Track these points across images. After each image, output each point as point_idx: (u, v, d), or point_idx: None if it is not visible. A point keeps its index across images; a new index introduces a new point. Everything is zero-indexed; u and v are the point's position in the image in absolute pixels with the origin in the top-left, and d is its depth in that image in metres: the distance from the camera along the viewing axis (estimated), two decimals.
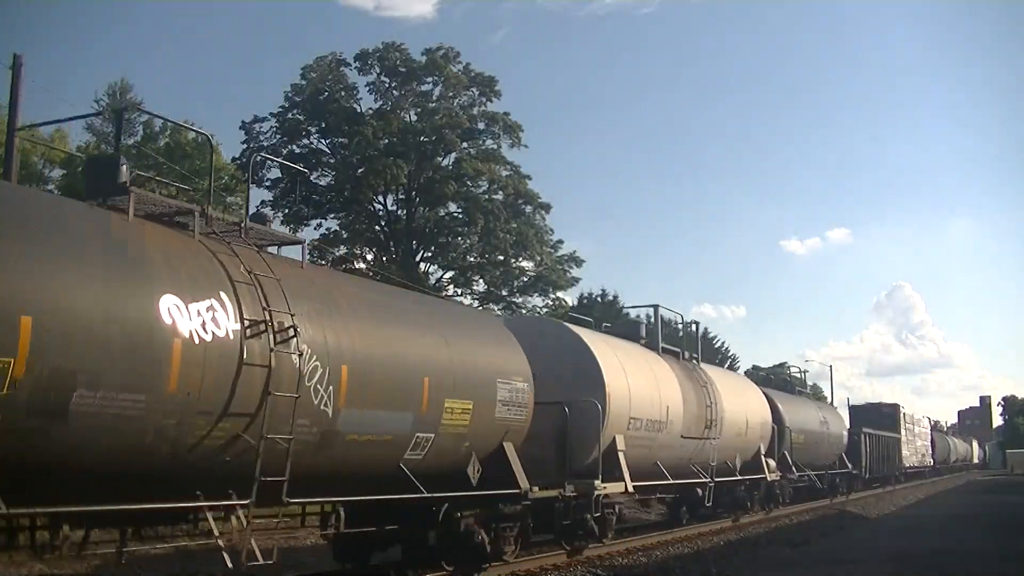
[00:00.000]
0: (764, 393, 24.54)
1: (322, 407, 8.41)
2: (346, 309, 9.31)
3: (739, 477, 21.03)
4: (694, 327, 22.66)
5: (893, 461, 44.63)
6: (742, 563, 14.60)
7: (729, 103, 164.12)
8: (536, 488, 11.96)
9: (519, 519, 12.07)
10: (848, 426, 37.95)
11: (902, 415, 50.24)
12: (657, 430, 16.16)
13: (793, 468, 25.11)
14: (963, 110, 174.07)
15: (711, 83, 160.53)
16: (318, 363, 8.40)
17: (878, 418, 46.35)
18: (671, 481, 17.08)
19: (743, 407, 21.53)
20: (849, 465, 33.52)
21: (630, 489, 14.72)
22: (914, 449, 53.15)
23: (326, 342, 8.63)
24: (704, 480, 18.84)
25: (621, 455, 14.60)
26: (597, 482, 13.71)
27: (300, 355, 8.20)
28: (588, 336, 15.25)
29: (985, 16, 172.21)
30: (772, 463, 23.03)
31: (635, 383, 15.40)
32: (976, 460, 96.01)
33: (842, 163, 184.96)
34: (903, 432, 49.31)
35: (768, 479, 22.83)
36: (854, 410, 55.45)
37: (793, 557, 15.51)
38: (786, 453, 24.98)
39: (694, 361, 20.47)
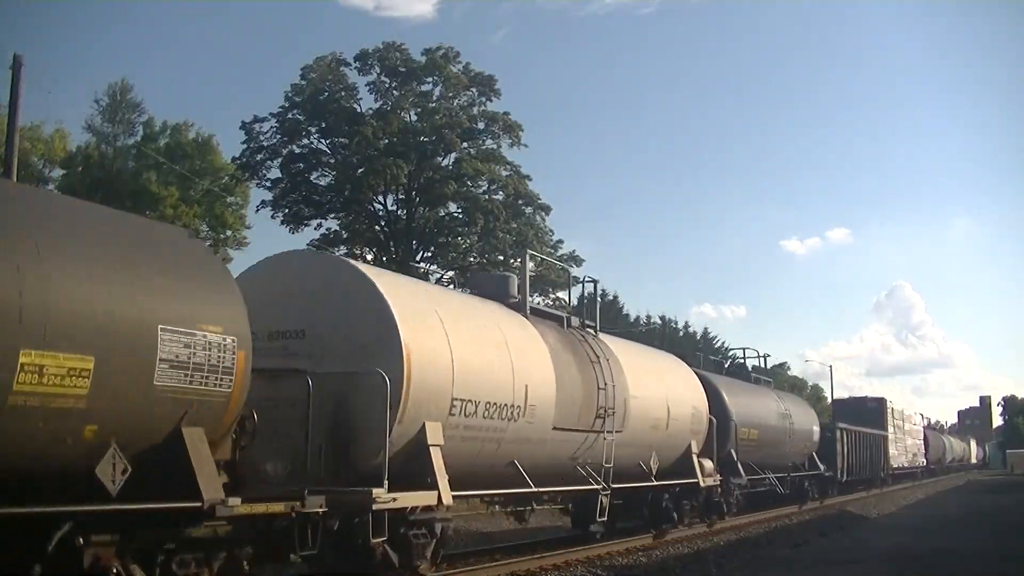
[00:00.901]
0: (700, 377, 19.64)
1: None
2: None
3: (657, 483, 16.24)
4: (593, 287, 17.92)
5: (878, 461, 40.17)
6: (742, 563, 14.61)
7: (729, 103, 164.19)
8: (238, 501, 7.19)
9: (214, 548, 7.51)
10: (828, 421, 35.53)
11: (889, 410, 46.25)
12: (508, 418, 11.58)
13: (741, 471, 21.08)
14: (963, 110, 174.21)
15: (711, 83, 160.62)
16: None
17: (862, 414, 42.39)
18: (529, 489, 12.10)
19: (662, 393, 16.62)
20: (822, 466, 29.44)
21: (446, 500, 9.97)
22: (903, 448, 48.89)
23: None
24: (593, 487, 13.92)
25: (434, 451, 10.01)
26: (378, 491, 9.06)
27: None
28: (381, 279, 10.46)
29: (985, 16, 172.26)
30: (709, 465, 18.49)
31: (465, 351, 10.81)
32: (975, 460, 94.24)
33: (842, 163, 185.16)
34: (891, 429, 45.14)
35: (703, 484, 18.01)
36: (835, 405, 52.30)
37: (793, 557, 15.51)
38: (732, 452, 20.79)
39: (589, 331, 15.33)
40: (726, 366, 29.54)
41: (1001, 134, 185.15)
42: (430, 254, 39.59)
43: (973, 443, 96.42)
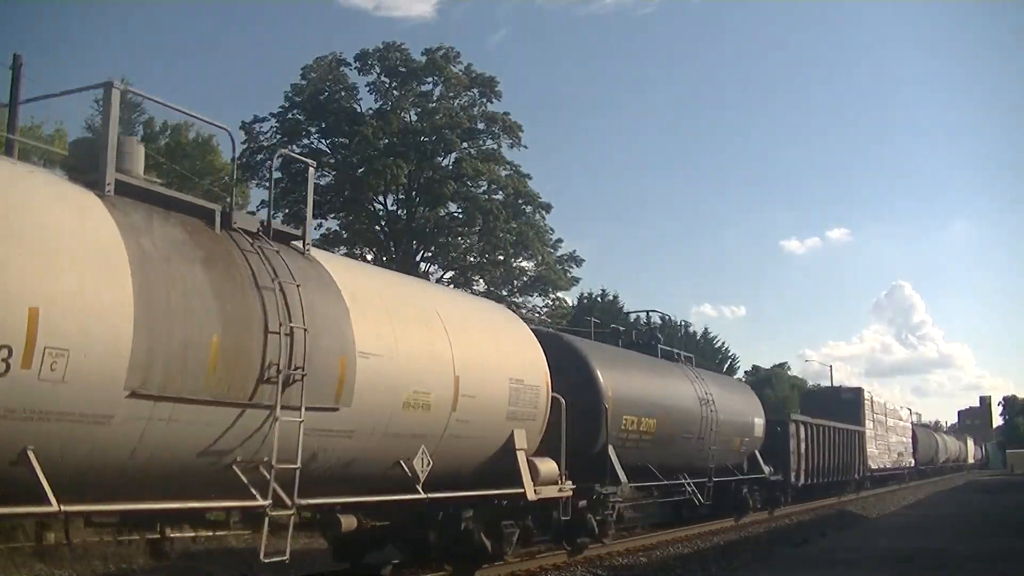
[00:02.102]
0: (546, 339, 13.57)
1: None
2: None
3: (429, 495, 9.93)
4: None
5: (853, 462, 34.35)
6: (742, 563, 14.62)
7: (729, 103, 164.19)
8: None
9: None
10: (797, 413, 30.83)
11: (868, 403, 40.30)
12: None
13: (622, 475, 14.70)
14: (963, 110, 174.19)
15: (711, 83, 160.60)
16: None
17: (836, 406, 37.32)
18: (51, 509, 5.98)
19: (445, 351, 10.30)
20: (767, 469, 23.39)
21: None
22: (886, 446, 42.93)
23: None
24: (253, 504, 7.85)
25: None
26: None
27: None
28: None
29: (985, 16, 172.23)
30: (549, 468, 12.08)
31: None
32: (972, 460, 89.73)
33: (842, 163, 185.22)
34: (869, 424, 39.24)
35: (532, 497, 11.54)
36: (804, 396, 47.68)
37: (793, 557, 15.51)
38: (609, 450, 14.64)
39: (286, 244, 9.15)
40: (622, 331, 21.54)
41: (1001, 134, 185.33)
42: (430, 254, 39.59)
43: (970, 442, 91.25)
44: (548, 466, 12.08)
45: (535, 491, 11.59)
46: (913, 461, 50.76)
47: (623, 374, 15.90)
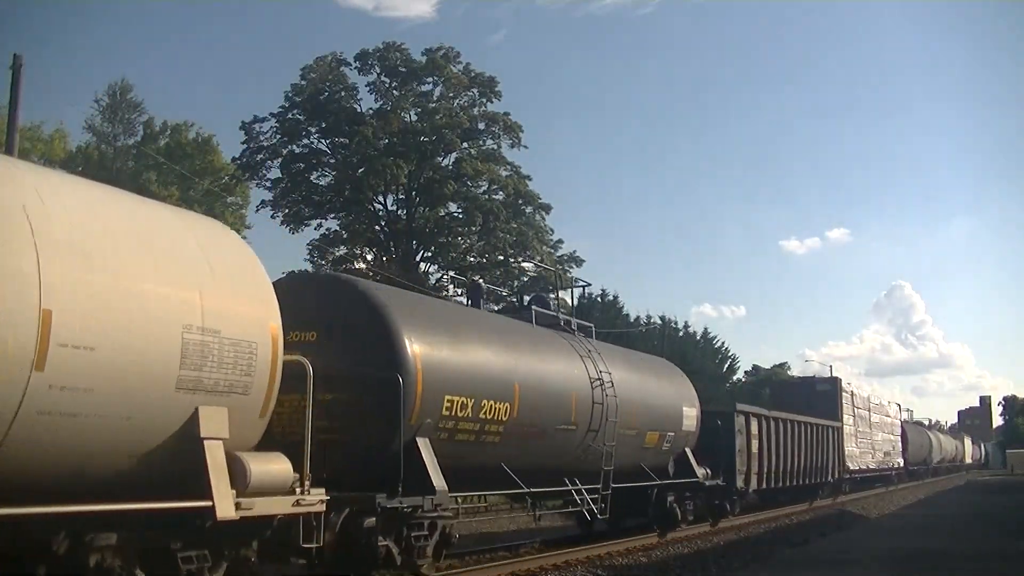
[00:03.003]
0: (305, 277, 11.23)
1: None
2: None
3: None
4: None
5: (827, 462, 29.83)
6: (742, 563, 14.62)
7: (729, 103, 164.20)
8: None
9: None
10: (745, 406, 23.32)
11: (848, 395, 35.95)
12: None
13: (437, 481, 10.14)
14: (963, 110, 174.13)
15: (711, 83, 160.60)
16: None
17: (808, 398, 33.17)
18: None
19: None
20: (700, 472, 18.49)
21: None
22: (869, 444, 38.25)
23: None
24: None
25: None
26: None
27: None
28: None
29: (985, 16, 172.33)
30: (266, 467, 7.52)
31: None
32: (970, 460, 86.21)
33: (842, 163, 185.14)
34: (849, 419, 34.92)
35: (222, 514, 6.86)
36: (775, 388, 42.54)
37: (793, 557, 15.51)
38: (422, 444, 10.26)
39: None
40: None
41: (1001, 134, 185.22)
42: (430, 254, 39.62)
43: (968, 441, 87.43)
44: (270, 466, 7.56)
45: (238, 504, 7.06)
46: (902, 461, 46.23)
47: (448, 338, 11.04)
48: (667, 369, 19.11)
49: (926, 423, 71.47)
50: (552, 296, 20.29)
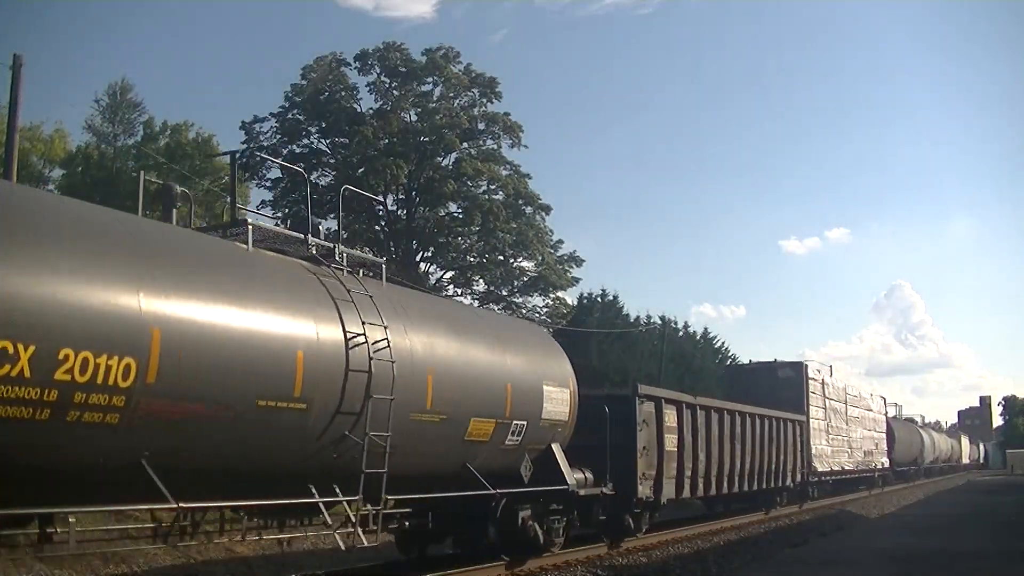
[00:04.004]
0: None
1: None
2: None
3: None
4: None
5: (787, 463, 25.13)
6: (742, 563, 14.62)
7: (729, 103, 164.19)
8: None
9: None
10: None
11: (818, 384, 30.77)
12: None
13: None
14: (963, 110, 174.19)
15: (710, 83, 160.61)
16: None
17: (769, 387, 28.62)
18: None
19: None
20: (575, 477, 13.61)
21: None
22: (844, 442, 33.32)
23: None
24: None
25: None
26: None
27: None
28: None
29: (985, 15, 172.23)
30: None
31: None
32: (967, 460, 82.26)
33: (842, 163, 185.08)
34: (818, 412, 29.95)
35: None
36: (730, 375, 35.96)
37: (793, 557, 15.51)
38: None
39: None
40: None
41: (1001, 134, 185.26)
42: (430, 254, 39.62)
43: (965, 441, 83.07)
44: None
45: None
46: (887, 461, 41.28)
47: None
48: (526, 336, 13.90)
49: (918, 420, 64.64)
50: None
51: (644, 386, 17.30)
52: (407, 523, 10.93)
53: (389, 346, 9.62)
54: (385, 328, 9.63)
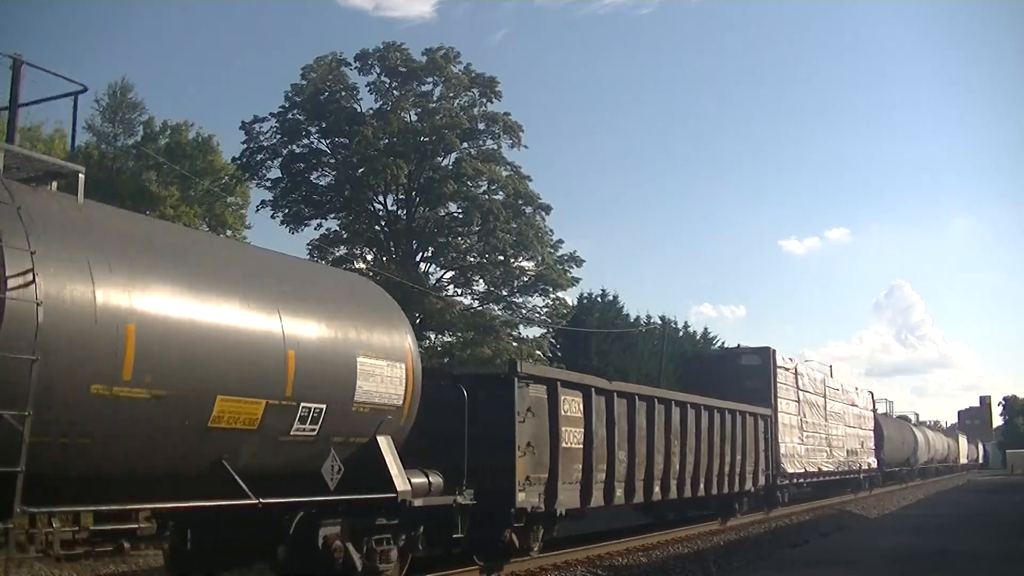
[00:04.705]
0: None
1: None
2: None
3: None
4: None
5: (745, 464, 21.65)
6: (742, 563, 14.62)
7: (728, 103, 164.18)
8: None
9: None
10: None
11: (786, 373, 27.03)
12: None
13: None
14: (963, 109, 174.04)
15: (710, 83, 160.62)
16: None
17: (731, 376, 25.29)
18: None
19: None
20: (414, 482, 10.14)
21: None
22: (822, 440, 30.06)
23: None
24: None
25: None
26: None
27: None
28: None
29: (985, 15, 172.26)
30: None
31: None
32: (965, 460, 79.47)
33: (842, 162, 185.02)
34: (788, 406, 26.52)
35: None
36: (688, 364, 32.00)
37: (793, 557, 15.52)
38: None
39: None
40: None
41: (1002, 133, 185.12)
42: (430, 254, 39.61)
43: (963, 440, 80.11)
44: None
45: None
46: (875, 461, 38.21)
47: None
48: (335, 288, 10.24)
49: (912, 417, 61.14)
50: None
51: (530, 364, 14.42)
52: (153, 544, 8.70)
53: (36, 282, 6.31)
54: (32, 255, 6.33)
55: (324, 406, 8.80)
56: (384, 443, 9.74)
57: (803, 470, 27.10)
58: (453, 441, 11.20)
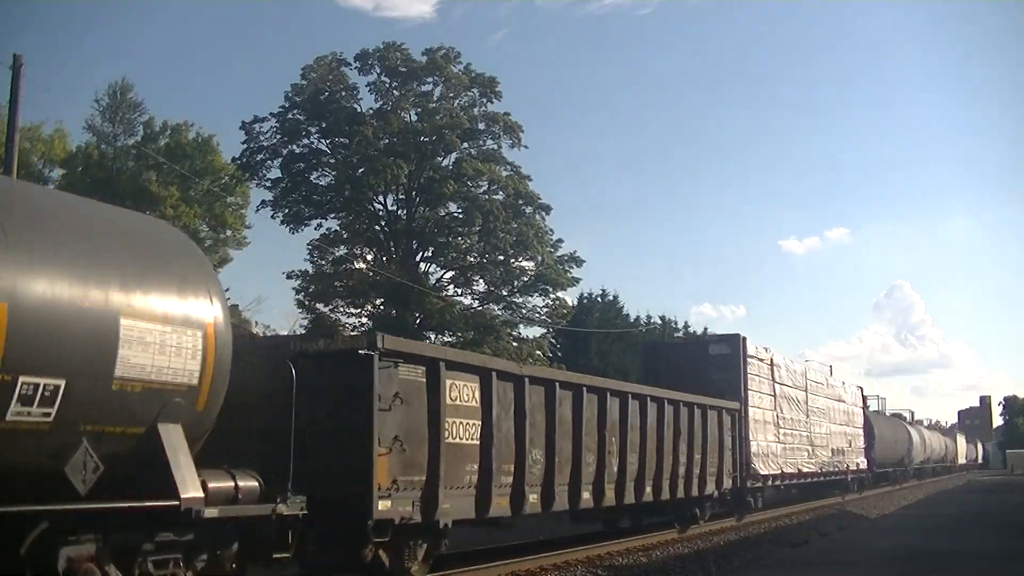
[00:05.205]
0: None
1: None
2: None
3: None
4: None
5: (707, 465, 18.89)
6: (742, 563, 14.62)
7: (728, 103, 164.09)
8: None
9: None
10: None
11: (759, 364, 24.22)
12: None
13: None
14: (963, 109, 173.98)
15: (710, 83, 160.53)
16: None
17: (698, 366, 22.68)
18: None
19: None
20: (206, 488, 7.41)
21: None
22: (803, 439, 27.36)
23: None
24: None
25: None
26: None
27: None
28: None
29: (985, 15, 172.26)
30: None
31: None
32: (964, 460, 77.84)
33: (841, 162, 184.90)
34: (762, 400, 23.93)
35: None
36: (647, 352, 27.69)
37: (793, 557, 15.52)
38: None
39: None
40: None
41: (1001, 133, 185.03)
42: (430, 254, 39.63)
43: (961, 440, 78.34)
44: None
45: None
46: (865, 462, 35.85)
47: None
48: (96, 226, 7.31)
49: (907, 415, 58.51)
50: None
51: (397, 338, 10.42)
52: None
53: None
54: None
55: (62, 382, 6.25)
56: (169, 434, 7.13)
57: (779, 471, 24.66)
58: (285, 435, 8.63)
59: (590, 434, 14.11)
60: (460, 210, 39.00)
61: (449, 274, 40.05)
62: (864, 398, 38.95)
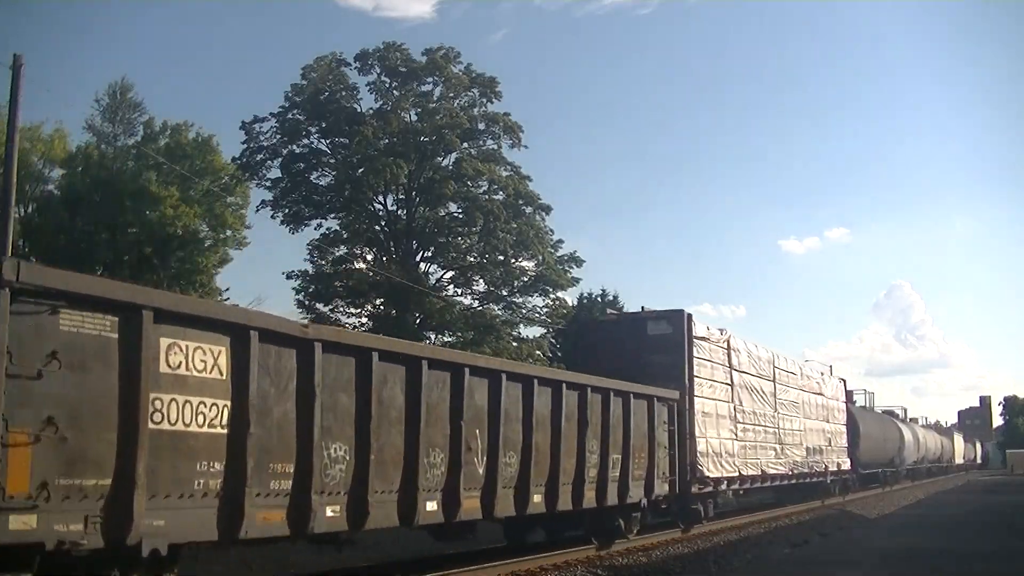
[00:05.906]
0: None
1: None
2: None
3: None
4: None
5: (628, 467, 15.03)
6: (742, 563, 14.62)
7: (728, 103, 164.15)
8: None
9: None
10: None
11: (709, 347, 20.74)
12: None
13: None
14: (963, 109, 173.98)
15: (710, 83, 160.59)
16: None
17: (633, 346, 19.53)
18: None
19: None
20: None
21: None
22: (771, 436, 24.10)
23: None
24: None
25: None
26: None
27: None
28: None
29: (985, 15, 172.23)
30: None
31: None
32: (961, 460, 75.63)
33: (841, 162, 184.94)
34: (712, 389, 20.55)
35: None
36: (578, 329, 26.47)
37: (793, 557, 15.51)
38: None
39: None
40: None
41: (1001, 133, 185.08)
42: (430, 254, 39.63)
43: (959, 439, 75.73)
44: None
45: None
46: (848, 462, 32.45)
47: None
48: None
49: (900, 413, 54.35)
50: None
51: (56, 270, 6.84)
52: None
53: None
54: None
55: None
56: None
57: (735, 473, 21.08)
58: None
59: (436, 425, 10.65)
60: (460, 210, 39.00)
61: (449, 274, 40.05)
62: (848, 392, 35.92)
